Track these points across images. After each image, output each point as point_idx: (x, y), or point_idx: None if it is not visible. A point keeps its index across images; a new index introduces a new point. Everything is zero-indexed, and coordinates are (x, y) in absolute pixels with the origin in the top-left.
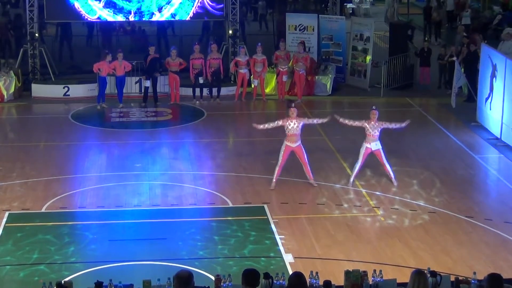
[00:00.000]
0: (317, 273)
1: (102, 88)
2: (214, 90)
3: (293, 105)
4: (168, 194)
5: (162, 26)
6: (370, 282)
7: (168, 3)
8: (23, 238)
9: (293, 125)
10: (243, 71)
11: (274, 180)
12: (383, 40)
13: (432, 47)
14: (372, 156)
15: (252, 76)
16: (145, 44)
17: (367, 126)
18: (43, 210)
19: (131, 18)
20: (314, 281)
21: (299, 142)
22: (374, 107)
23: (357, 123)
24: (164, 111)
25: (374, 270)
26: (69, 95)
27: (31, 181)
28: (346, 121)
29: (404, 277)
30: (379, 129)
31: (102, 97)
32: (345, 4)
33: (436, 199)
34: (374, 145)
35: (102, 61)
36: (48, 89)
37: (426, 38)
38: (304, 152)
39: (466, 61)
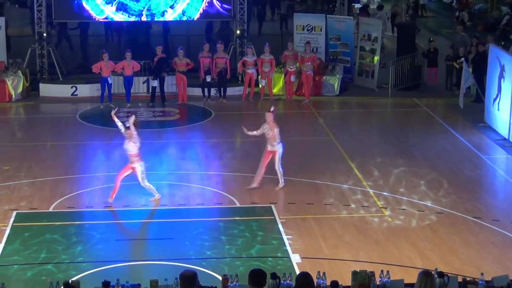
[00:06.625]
0: (324, 273)
1: (103, 88)
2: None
3: (271, 109)
4: (175, 194)
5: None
6: (377, 283)
7: (176, 2)
8: (30, 237)
9: (268, 130)
10: (250, 71)
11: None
12: (390, 41)
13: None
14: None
15: (259, 76)
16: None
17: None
18: (50, 209)
19: (143, 18)
20: (321, 281)
21: (276, 146)
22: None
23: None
24: (172, 111)
25: (382, 271)
26: (77, 94)
27: (38, 181)
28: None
29: (411, 277)
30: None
31: (109, 97)
32: (353, 4)
33: (443, 200)
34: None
35: (100, 61)
36: (56, 89)
37: (432, 39)
38: (279, 157)
39: (474, 62)
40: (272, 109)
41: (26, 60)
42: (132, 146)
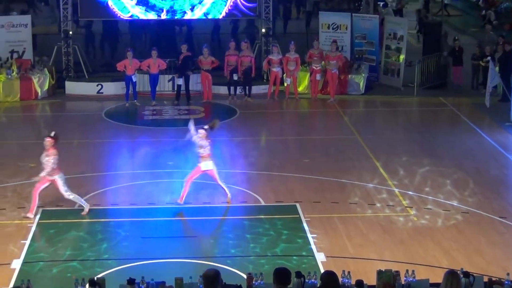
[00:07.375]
0: (349, 272)
1: (127, 86)
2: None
3: (206, 127)
4: (200, 192)
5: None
6: (403, 282)
7: (200, 2)
8: (56, 234)
9: (201, 147)
10: (275, 69)
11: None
12: (416, 39)
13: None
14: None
15: (285, 75)
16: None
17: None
18: (76, 207)
19: (163, 16)
20: (346, 280)
21: (210, 165)
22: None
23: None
24: (197, 109)
25: (407, 270)
26: (102, 92)
27: None
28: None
29: (437, 277)
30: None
31: (134, 95)
32: (378, 3)
33: (469, 199)
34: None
35: (124, 59)
36: (82, 87)
37: (456, 38)
38: (216, 173)
39: (501, 61)
40: (206, 127)
41: (52, 58)
42: (48, 160)
